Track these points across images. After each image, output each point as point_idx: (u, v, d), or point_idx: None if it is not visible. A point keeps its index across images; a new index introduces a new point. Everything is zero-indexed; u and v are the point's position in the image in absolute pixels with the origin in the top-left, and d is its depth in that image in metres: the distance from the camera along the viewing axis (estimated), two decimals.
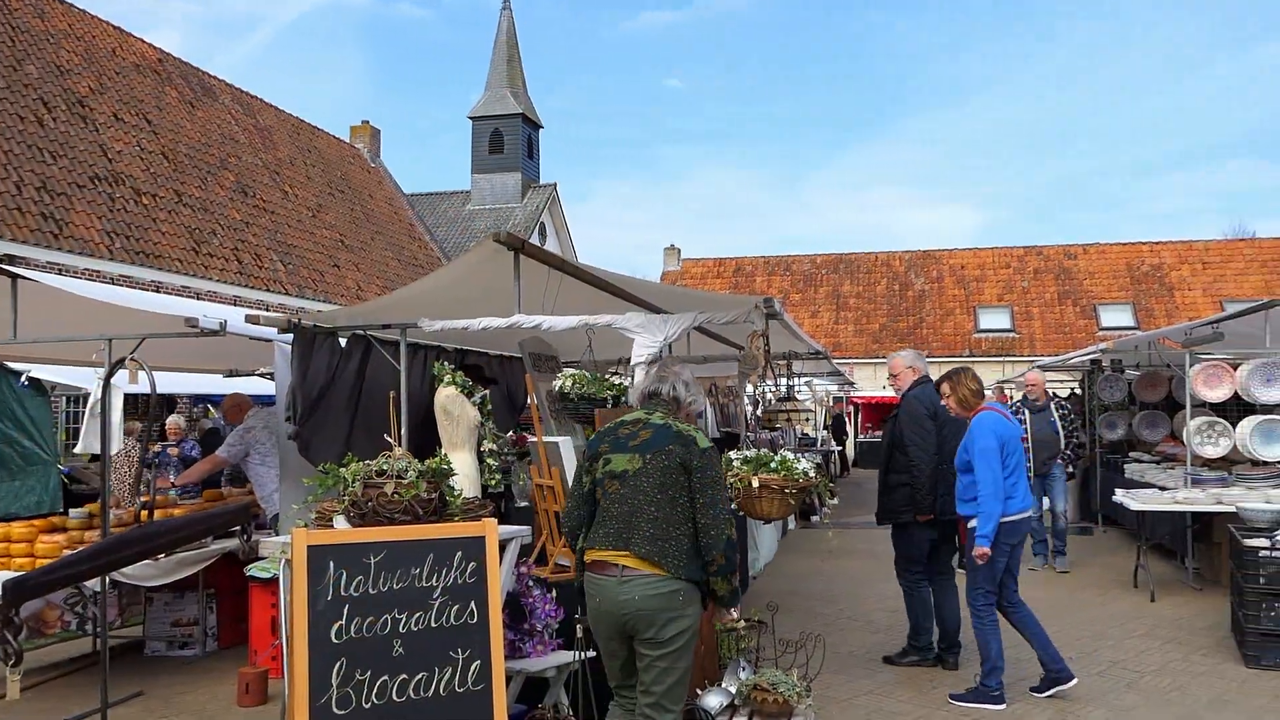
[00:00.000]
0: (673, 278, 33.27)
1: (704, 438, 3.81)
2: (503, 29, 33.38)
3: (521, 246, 5.71)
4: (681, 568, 3.66)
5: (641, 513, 3.68)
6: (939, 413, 6.26)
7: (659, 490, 3.69)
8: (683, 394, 3.97)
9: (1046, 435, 9.97)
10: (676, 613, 3.65)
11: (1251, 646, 6.42)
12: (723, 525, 3.67)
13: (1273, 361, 9.12)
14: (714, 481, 3.71)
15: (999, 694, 5.64)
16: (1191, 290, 29.22)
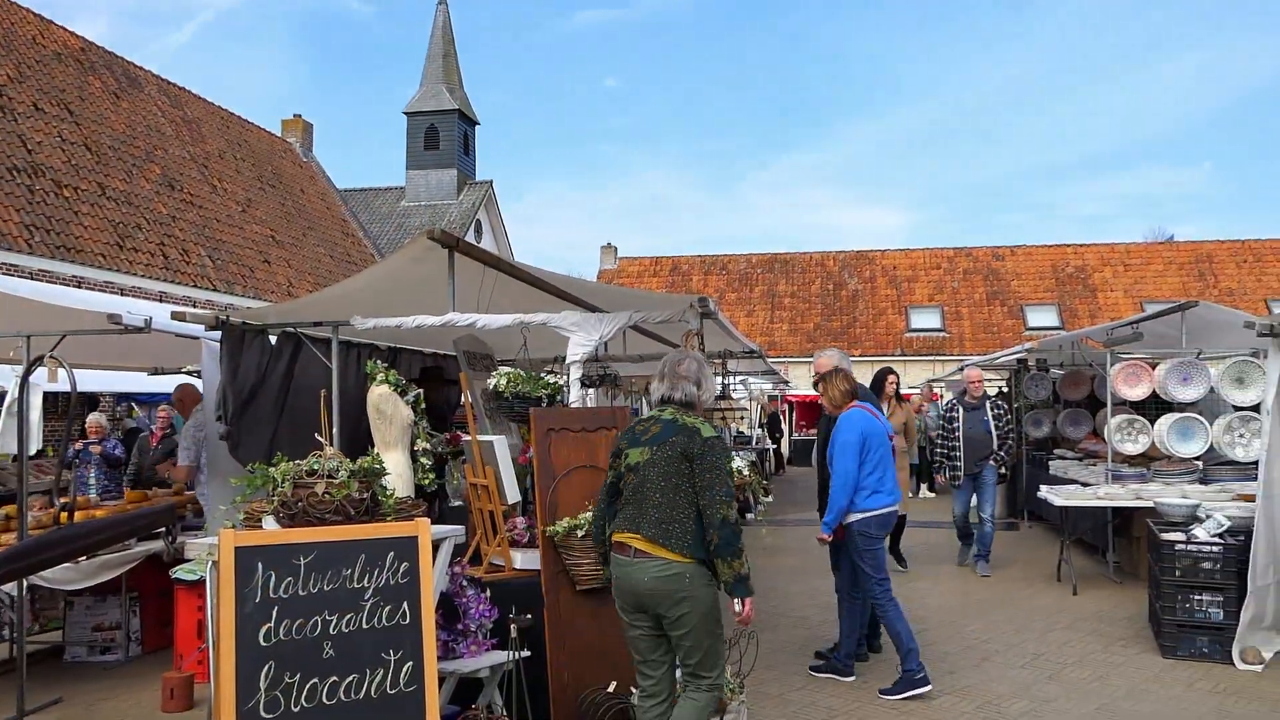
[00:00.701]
0: (609, 276, 33.29)
1: (708, 428, 4.06)
2: (438, 24, 33.07)
3: (456, 244, 5.68)
4: (687, 549, 3.91)
5: (649, 499, 3.98)
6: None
7: (663, 478, 3.97)
8: (694, 393, 4.20)
9: (979, 434, 9.68)
10: (685, 592, 3.89)
11: (1168, 637, 6.63)
12: (719, 506, 3.88)
13: (1188, 361, 9.44)
14: (713, 467, 3.94)
15: (922, 675, 5.80)
16: (1113, 291, 30.07)
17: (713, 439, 4.01)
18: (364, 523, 3.99)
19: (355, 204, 30.04)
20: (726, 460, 4.09)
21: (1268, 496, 6.46)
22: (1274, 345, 6.35)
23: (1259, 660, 6.36)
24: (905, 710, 5.61)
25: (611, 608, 5.11)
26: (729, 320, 7.25)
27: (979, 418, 9.74)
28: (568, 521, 4.96)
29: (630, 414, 10.30)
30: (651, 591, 3.92)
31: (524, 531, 5.57)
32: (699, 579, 3.92)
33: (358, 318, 6.07)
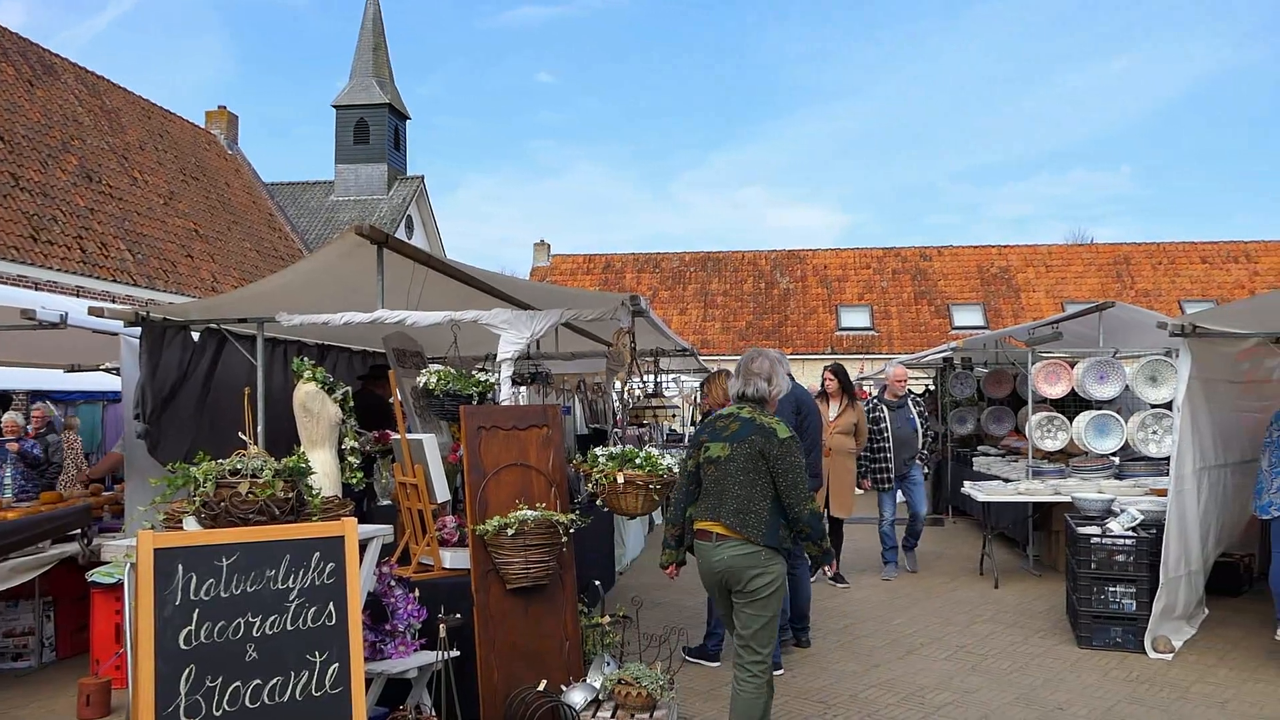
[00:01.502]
0: (542, 273, 33.17)
1: (784, 429, 4.41)
2: (369, 16, 32.59)
3: (385, 240, 5.61)
4: (760, 535, 4.32)
5: (729, 491, 4.38)
6: (801, 406, 6.90)
7: (742, 473, 4.36)
8: (765, 389, 4.55)
9: (906, 434, 9.49)
10: (758, 569, 4.33)
11: (1084, 628, 6.84)
12: (804, 501, 4.33)
13: (1105, 360, 9.72)
14: (793, 467, 4.34)
15: (715, 653, 6.39)
16: (1036, 292, 30.84)
17: (788, 440, 4.38)
18: (289, 523, 3.93)
19: (283, 198, 29.47)
20: (803, 458, 4.44)
21: (1179, 491, 6.69)
22: (1184, 345, 6.57)
23: (1169, 649, 6.58)
24: (832, 703, 5.69)
25: (541, 606, 5.13)
26: (660, 318, 7.29)
27: (904, 416, 9.59)
28: (498, 520, 4.94)
29: (561, 412, 10.32)
30: (729, 568, 4.36)
31: (454, 530, 5.54)
32: (772, 559, 4.36)
33: (284, 314, 5.97)
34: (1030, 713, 5.52)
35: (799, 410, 6.93)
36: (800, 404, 7.01)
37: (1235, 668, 6.29)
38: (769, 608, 4.38)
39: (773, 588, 4.36)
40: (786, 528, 4.38)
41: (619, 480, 5.24)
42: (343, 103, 32.01)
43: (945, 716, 5.48)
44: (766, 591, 4.35)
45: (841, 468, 8.76)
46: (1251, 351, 7.37)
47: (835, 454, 8.69)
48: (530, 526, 4.95)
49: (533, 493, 5.20)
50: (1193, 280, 30.64)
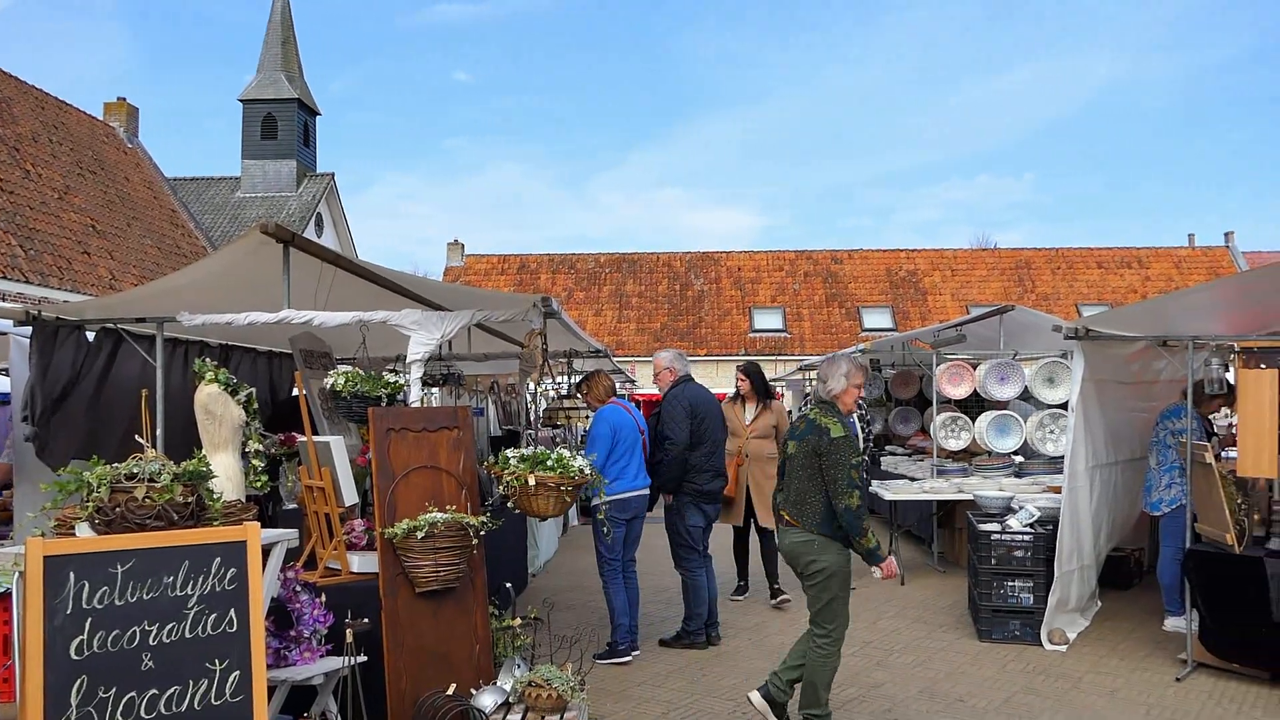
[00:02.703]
0: (456, 274, 32.85)
1: (838, 428, 4.86)
2: (277, 9, 31.85)
3: (292, 239, 5.50)
4: (815, 525, 4.90)
5: (793, 484, 5.00)
6: (697, 409, 6.90)
7: (802, 468, 4.93)
8: (820, 389, 5.11)
9: None
10: (814, 555, 4.90)
11: (984, 622, 7.05)
12: (842, 497, 4.78)
13: (1005, 362, 10.04)
14: (837, 464, 4.80)
15: (624, 648, 6.54)
16: (942, 295, 31.67)
17: (839, 439, 4.82)
18: (188, 528, 3.82)
19: (186, 194, 28.60)
20: (851, 456, 4.84)
21: (1072, 488, 6.95)
22: (1078, 347, 6.83)
23: (1064, 641, 6.83)
24: (740, 700, 5.76)
25: (451, 610, 5.09)
26: (573, 320, 7.29)
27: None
28: (407, 523, 4.87)
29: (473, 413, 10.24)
30: (790, 553, 5.01)
31: (362, 534, 5.45)
32: (826, 547, 4.88)
33: (185, 314, 5.80)
34: (933, 705, 5.68)
35: (693, 413, 6.87)
36: (694, 405, 6.91)
37: (1125, 657, 6.56)
38: (826, 590, 4.91)
39: (827, 573, 4.89)
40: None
41: (530, 482, 5.21)
42: (250, 97, 31.21)
43: (851, 711, 5.59)
44: (821, 576, 4.89)
45: (762, 474, 8.07)
46: (1140, 354, 7.70)
47: (754, 460, 8.12)
48: (440, 529, 4.89)
49: (443, 495, 5.14)
50: (1089, 285, 31.82)
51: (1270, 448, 6.00)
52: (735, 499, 8.08)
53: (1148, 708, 5.60)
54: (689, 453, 6.82)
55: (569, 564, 10.35)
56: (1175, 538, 6.89)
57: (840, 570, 4.94)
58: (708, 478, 6.91)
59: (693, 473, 6.86)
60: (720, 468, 7.06)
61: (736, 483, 8.04)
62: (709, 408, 7.02)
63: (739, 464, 8.06)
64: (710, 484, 6.95)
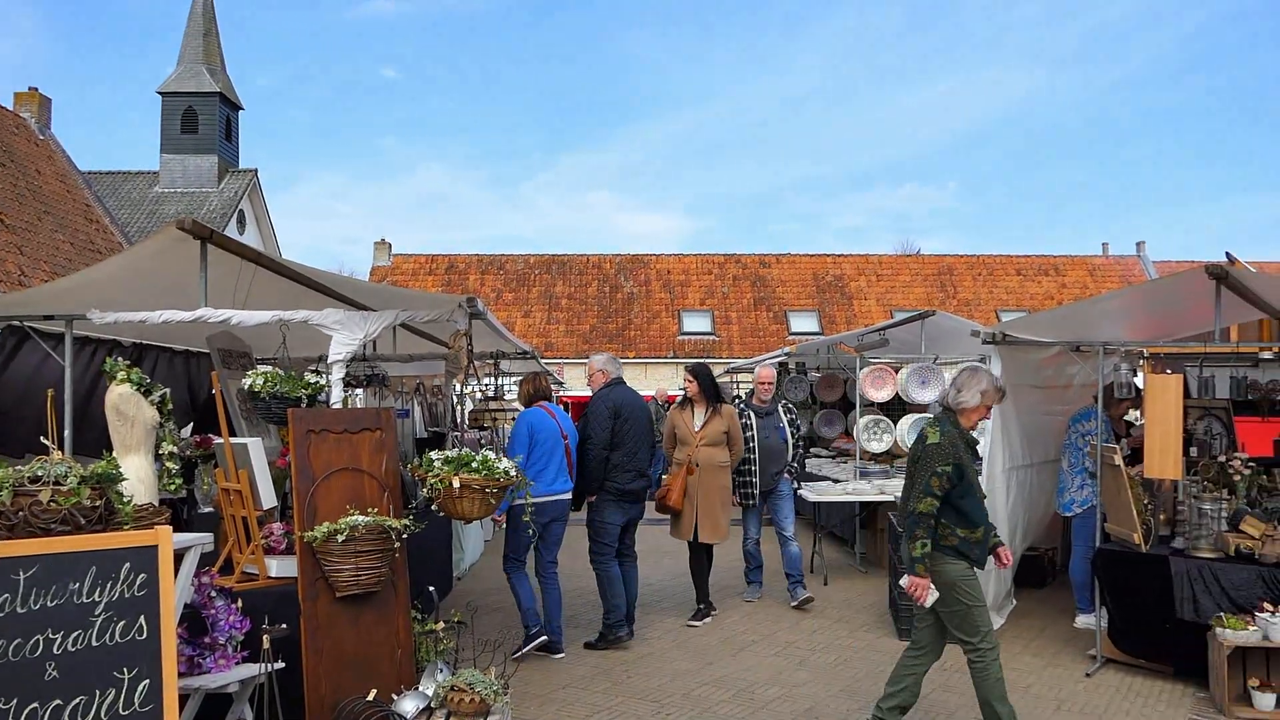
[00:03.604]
0: (383, 273, 32.41)
1: (935, 434, 4.84)
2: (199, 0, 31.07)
3: (210, 235, 5.38)
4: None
5: (906, 490, 4.98)
6: (621, 410, 6.99)
7: (909, 476, 4.96)
8: (967, 401, 4.96)
9: (775, 444, 8.32)
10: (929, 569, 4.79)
11: (904, 621, 7.17)
12: (913, 500, 4.80)
13: (926, 365, 10.25)
14: (922, 469, 4.80)
15: (536, 631, 6.62)
16: (867, 300, 32.18)
17: (932, 446, 4.81)
18: (96, 532, 3.70)
19: (102, 188, 27.73)
20: (938, 463, 4.77)
21: (990, 489, 7.10)
22: (995, 352, 7.00)
23: None
24: (664, 702, 5.79)
25: (372, 614, 5.01)
26: (502, 321, 7.25)
27: (773, 424, 8.38)
28: (327, 526, 4.79)
29: (398, 415, 10.11)
30: (907, 565, 4.87)
31: (281, 538, 5.35)
32: (937, 560, 4.79)
33: (96, 311, 5.63)
34: (853, 704, 5.76)
35: (616, 413, 6.96)
36: (619, 407, 6.99)
37: (1038, 654, 6.74)
38: (946, 604, 4.82)
39: (946, 587, 4.79)
40: (950, 525, 4.80)
41: (454, 484, 5.16)
42: (169, 89, 30.36)
43: (773, 711, 5.65)
44: (941, 590, 4.79)
45: (711, 484, 7.61)
46: (1054, 359, 7.92)
47: (704, 469, 7.60)
48: (361, 532, 4.83)
49: (365, 498, 5.08)
50: (1008, 291, 32.63)
51: (1175, 450, 6.22)
52: (684, 513, 7.59)
53: (1058, 703, 5.76)
54: (610, 453, 6.92)
55: (495, 566, 10.21)
56: (1086, 537, 7.10)
57: (959, 580, 4.82)
58: (629, 477, 6.98)
59: (614, 472, 6.94)
60: (642, 468, 7.08)
61: (685, 495, 7.58)
62: (633, 410, 7.09)
63: (689, 474, 7.59)
64: (631, 484, 7.00)
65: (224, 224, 27.81)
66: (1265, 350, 8.85)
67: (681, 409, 7.87)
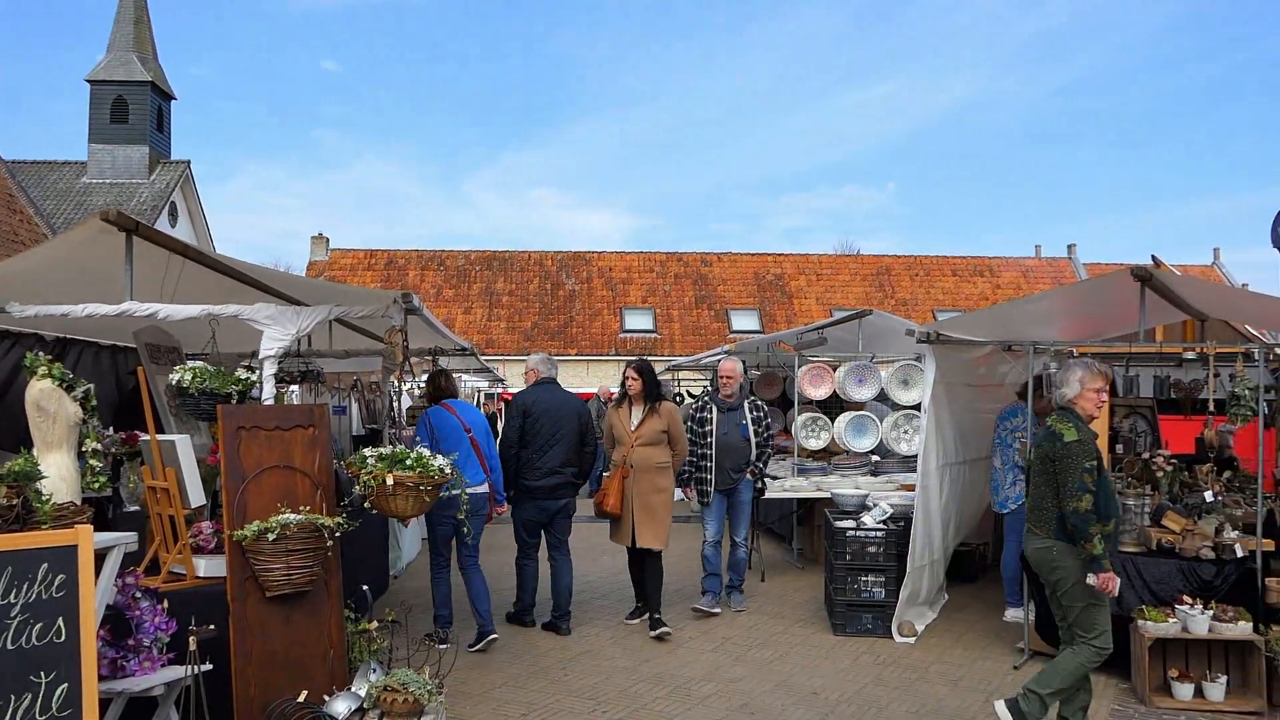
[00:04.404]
0: (320, 268, 31.94)
1: (1071, 432, 4.90)
2: None
3: (135, 228, 5.25)
4: (1052, 530, 4.94)
5: (1034, 490, 5.08)
6: (531, 409, 7.15)
7: (1040, 474, 5.02)
8: (1062, 394, 5.10)
9: (735, 442, 7.80)
10: (1054, 563, 4.91)
11: (839, 616, 7.26)
12: (1070, 500, 4.79)
13: (863, 364, 10.37)
14: (1068, 468, 4.83)
15: (443, 635, 6.67)
16: (807, 299, 32.51)
17: (1072, 443, 4.86)
18: (12, 532, 3.59)
19: (26, 178, 26.90)
20: (1084, 459, 4.84)
21: (924, 486, 7.23)
22: (930, 351, 7.11)
23: (913, 633, 7.10)
24: (601, 699, 5.78)
25: (304, 614, 4.95)
26: (437, 317, 7.18)
27: (735, 421, 7.88)
28: (258, 525, 4.71)
29: (334, 412, 9.96)
30: (1034, 560, 5.04)
31: (210, 537, 5.24)
32: (1065, 553, 4.86)
33: (15, 304, 5.46)
34: (788, 698, 5.81)
35: (525, 412, 7.13)
36: (529, 405, 7.16)
37: (969, 648, 6.86)
38: (1073, 598, 4.87)
39: (1068, 581, 4.86)
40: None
41: (388, 482, 5.09)
42: (98, 78, 29.55)
43: (709, 706, 5.68)
44: (1064, 585, 4.88)
45: (649, 487, 7.17)
46: (986, 358, 8.07)
47: (639, 470, 7.16)
48: (293, 531, 4.75)
49: (297, 496, 4.99)
50: (944, 291, 33.19)
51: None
52: (621, 516, 7.19)
53: (987, 695, 5.87)
54: (520, 450, 7.10)
55: None
56: (1018, 533, 7.23)
57: (1081, 577, 4.84)
58: (537, 475, 7.09)
59: (524, 469, 7.11)
60: (553, 466, 7.10)
61: (622, 497, 7.17)
62: (546, 409, 7.16)
63: (624, 475, 7.19)
64: (539, 481, 7.10)
65: (155, 216, 27.17)
66: (1188, 351, 9.10)
67: (619, 407, 7.47)
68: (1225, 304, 8.08)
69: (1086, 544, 4.75)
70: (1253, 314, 8.54)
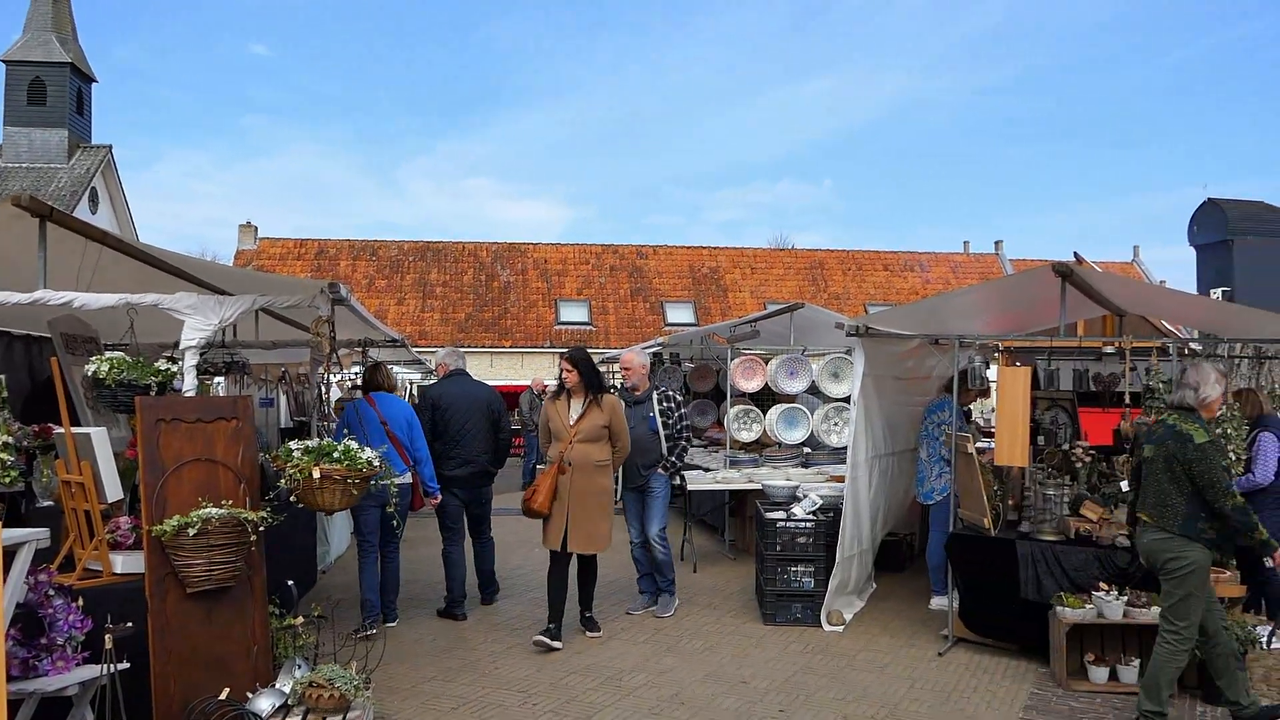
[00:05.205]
0: (248, 257, 31.27)
1: (1201, 434, 5.03)
2: None
3: (49, 213, 5.08)
4: (1177, 526, 5.07)
5: (1152, 487, 5.19)
6: (439, 401, 7.57)
7: (1161, 471, 5.13)
8: (1190, 397, 5.21)
9: (644, 435, 7.41)
10: (1175, 552, 5.06)
11: (769, 606, 7.34)
12: (1223, 499, 4.94)
13: (795, 357, 10.48)
14: (1209, 469, 4.96)
15: (370, 621, 6.85)
16: (741, 292, 32.73)
17: (1204, 444, 5.00)
18: None
19: None
20: (1220, 458, 5.05)
21: (854, 478, 7.34)
22: (859, 344, 7.21)
23: (841, 622, 7.20)
24: (532, 691, 5.77)
25: (226, 610, 4.85)
26: (365, 307, 7.08)
27: (642, 414, 7.49)
28: (178, 519, 4.60)
29: (262, 404, 9.76)
30: (1149, 550, 5.20)
31: (129, 532, 5.10)
32: (1188, 546, 5.03)
33: None
34: (718, 688, 5.86)
35: (435, 405, 7.52)
36: (438, 399, 7.55)
37: (895, 635, 6.99)
38: (1181, 587, 5.03)
39: (1185, 571, 5.02)
40: (1207, 520, 5.01)
41: (315, 475, 5.01)
42: (14, 58, 28.51)
43: (639, 697, 5.70)
44: (1179, 574, 5.03)
45: (586, 487, 6.60)
46: (914, 351, 8.20)
47: (578, 468, 6.60)
48: (215, 525, 4.65)
49: (219, 489, 4.88)
50: (876, 286, 33.67)
51: (1023, 439, 6.54)
52: (552, 516, 6.59)
53: (912, 681, 5.98)
54: (434, 442, 7.42)
55: None
56: (942, 523, 7.39)
57: (1201, 567, 5.04)
58: (452, 465, 7.49)
59: (441, 460, 7.45)
60: (468, 456, 7.52)
61: (554, 496, 6.57)
62: (454, 400, 7.55)
63: (558, 473, 6.60)
64: (454, 470, 7.49)
65: (74, 202, 26.37)
66: (1107, 345, 9.36)
67: (556, 400, 6.88)
68: (1142, 300, 8.33)
69: (1254, 533, 5.00)
70: (1168, 310, 8.82)
